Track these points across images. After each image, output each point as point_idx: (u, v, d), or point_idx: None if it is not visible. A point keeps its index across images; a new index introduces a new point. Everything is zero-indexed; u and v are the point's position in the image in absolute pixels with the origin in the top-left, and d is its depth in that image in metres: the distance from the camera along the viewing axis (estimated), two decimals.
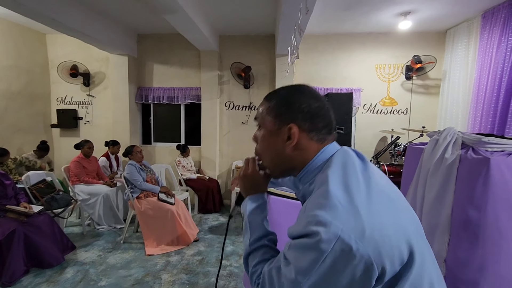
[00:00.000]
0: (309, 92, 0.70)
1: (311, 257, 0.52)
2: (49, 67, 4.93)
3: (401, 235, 0.54)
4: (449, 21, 4.06)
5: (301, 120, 0.67)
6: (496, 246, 1.33)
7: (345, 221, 0.51)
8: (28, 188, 3.04)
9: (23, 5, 2.67)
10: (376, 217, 0.53)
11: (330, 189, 0.56)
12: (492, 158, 1.37)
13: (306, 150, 0.68)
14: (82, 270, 2.65)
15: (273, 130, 0.70)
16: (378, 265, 0.50)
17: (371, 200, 0.55)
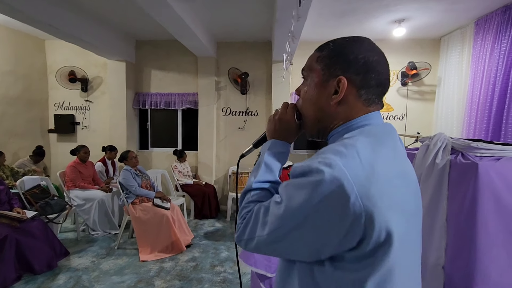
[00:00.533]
0: (369, 43, 0.62)
1: (305, 196, 0.50)
2: (48, 73, 4.96)
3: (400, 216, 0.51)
4: (443, 29, 4.11)
5: (354, 72, 0.59)
6: (486, 252, 1.33)
7: (355, 172, 0.48)
8: (22, 194, 3.03)
9: (21, 12, 2.71)
10: (388, 184, 0.50)
11: (355, 143, 0.52)
12: (480, 163, 1.38)
13: (351, 108, 0.61)
14: (74, 276, 2.63)
15: (320, 82, 0.62)
16: (366, 228, 0.48)
17: (391, 172, 0.52)
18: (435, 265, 1.46)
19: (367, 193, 0.47)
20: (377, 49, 0.62)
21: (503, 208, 1.33)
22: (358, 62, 0.59)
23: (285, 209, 0.52)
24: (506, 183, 1.35)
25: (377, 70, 0.60)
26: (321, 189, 0.48)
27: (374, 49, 0.62)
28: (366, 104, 0.61)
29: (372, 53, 0.60)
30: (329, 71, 0.61)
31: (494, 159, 1.43)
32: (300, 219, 0.51)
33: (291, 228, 0.52)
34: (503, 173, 1.36)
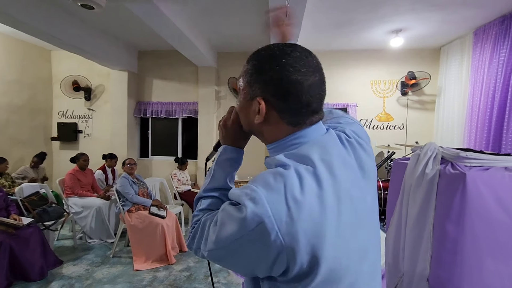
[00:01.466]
0: (295, 57, 0.56)
1: (232, 228, 0.50)
2: (53, 82, 5.09)
3: (328, 247, 0.50)
4: (443, 38, 4.12)
5: (271, 94, 0.56)
6: (473, 264, 1.29)
7: (278, 209, 0.48)
8: (20, 200, 3.07)
9: (25, 24, 2.81)
10: (312, 222, 0.49)
11: (286, 175, 0.51)
12: (468, 173, 1.36)
13: (276, 129, 0.59)
14: (67, 284, 2.62)
15: (246, 99, 0.61)
16: (289, 261, 0.49)
17: (318, 204, 0.50)
18: (421, 276, 1.42)
19: (289, 231, 0.48)
20: (304, 64, 0.56)
21: (492, 219, 1.30)
22: (276, 85, 0.56)
23: (217, 236, 0.53)
24: (494, 193, 1.32)
25: (298, 92, 0.55)
26: (244, 225, 0.49)
27: (298, 65, 0.55)
28: (291, 125, 0.58)
29: (294, 71, 0.55)
30: (251, 89, 0.59)
31: (483, 169, 1.40)
32: (229, 248, 0.52)
33: (223, 253, 0.54)
34: (491, 183, 1.34)
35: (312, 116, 0.59)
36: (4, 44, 4.26)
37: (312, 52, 0.61)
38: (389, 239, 1.77)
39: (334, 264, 0.51)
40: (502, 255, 1.27)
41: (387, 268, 1.74)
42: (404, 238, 1.61)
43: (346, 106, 4.54)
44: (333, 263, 0.51)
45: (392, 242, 1.71)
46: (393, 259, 1.66)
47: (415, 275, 1.45)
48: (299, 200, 0.49)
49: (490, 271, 1.27)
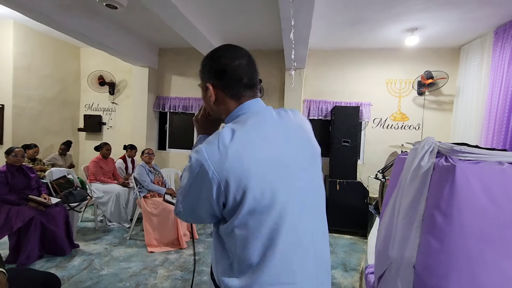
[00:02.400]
0: (224, 51, 0.80)
1: (187, 176, 0.71)
2: (81, 77, 5.47)
3: (254, 184, 0.67)
4: (463, 37, 4.02)
5: (214, 78, 0.79)
6: (460, 253, 1.34)
7: (213, 155, 0.67)
8: (50, 182, 3.38)
9: (57, 22, 3.09)
10: (238, 162, 0.67)
11: (221, 132, 0.71)
12: (458, 165, 1.40)
13: (226, 104, 0.80)
14: (88, 259, 2.88)
15: (203, 90, 0.84)
16: (226, 192, 0.67)
17: (245, 151, 0.68)
18: (408, 263, 1.48)
19: (221, 167, 0.66)
20: (230, 53, 0.78)
21: (479, 209, 1.34)
22: (214, 71, 0.78)
23: (181, 187, 0.75)
24: (483, 185, 1.36)
25: (229, 71, 0.77)
26: (191, 170, 0.70)
27: (225, 55, 0.78)
28: (236, 98, 0.79)
29: (223, 60, 0.78)
30: (203, 80, 0.83)
31: (474, 162, 1.44)
32: (188, 194, 0.73)
33: (188, 202, 0.75)
34: (481, 175, 1.37)
35: (247, 89, 0.79)
36: (39, 41, 4.64)
37: (241, 47, 0.82)
38: (381, 228, 1.83)
39: (261, 197, 0.68)
40: (488, 244, 1.31)
41: (376, 255, 1.80)
42: (396, 228, 1.67)
43: (359, 105, 4.54)
44: (260, 196, 0.68)
45: (384, 231, 1.78)
46: (383, 247, 1.73)
47: (402, 262, 1.51)
48: (227, 145, 0.68)
49: (477, 260, 1.32)
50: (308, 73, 4.83)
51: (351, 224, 4.02)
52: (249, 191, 0.67)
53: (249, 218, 0.69)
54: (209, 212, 0.74)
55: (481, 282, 1.28)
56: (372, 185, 4.54)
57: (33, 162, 4.03)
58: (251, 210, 0.68)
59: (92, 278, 2.54)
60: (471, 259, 1.31)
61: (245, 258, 0.71)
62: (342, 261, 3.16)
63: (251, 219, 0.69)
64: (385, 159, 4.71)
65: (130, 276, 2.60)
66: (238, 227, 0.70)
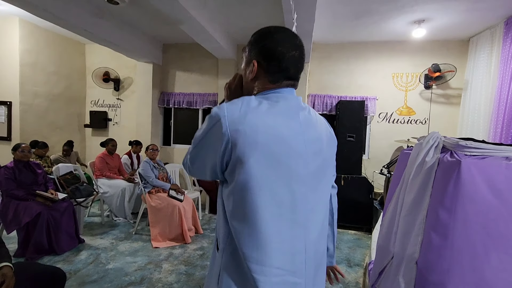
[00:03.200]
0: (282, 36, 0.80)
1: (204, 126, 0.75)
2: (86, 73, 5.51)
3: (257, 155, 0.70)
4: (472, 29, 3.92)
5: (262, 59, 0.80)
6: (463, 248, 1.32)
7: (231, 114, 0.71)
8: (56, 178, 3.43)
9: (62, 19, 3.10)
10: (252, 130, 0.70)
11: (248, 98, 0.75)
12: (463, 160, 1.37)
13: (262, 84, 0.81)
14: (94, 254, 2.93)
15: (246, 62, 0.85)
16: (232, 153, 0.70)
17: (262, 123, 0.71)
18: (410, 259, 1.46)
19: (235, 128, 0.70)
20: (287, 42, 0.79)
21: (484, 205, 1.32)
22: (266, 52, 0.79)
23: (194, 137, 0.79)
24: (488, 181, 1.33)
25: (280, 59, 0.78)
26: (209, 122, 0.73)
27: (283, 42, 0.78)
28: (272, 83, 0.81)
29: (279, 46, 0.78)
30: (250, 54, 0.83)
31: (480, 157, 1.41)
32: (200, 143, 0.77)
33: (196, 151, 0.79)
34: (486, 171, 1.34)
35: (288, 80, 0.81)
36: (45, 38, 4.68)
37: (298, 35, 0.84)
38: (384, 223, 1.81)
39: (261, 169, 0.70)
40: (493, 241, 1.29)
41: (377, 250, 1.79)
42: (398, 223, 1.66)
43: (365, 99, 4.48)
44: (262, 167, 0.70)
45: (386, 226, 1.76)
46: (384, 242, 1.71)
47: (404, 257, 1.50)
48: (248, 111, 0.71)
49: (480, 256, 1.30)
50: (313, 67, 4.77)
51: (356, 220, 4.00)
52: (253, 159, 0.70)
53: (243, 190, 0.72)
54: (212, 167, 0.76)
55: (484, 278, 1.26)
56: (377, 180, 4.50)
57: (40, 159, 4.10)
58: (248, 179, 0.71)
59: (98, 272, 2.58)
60: (475, 255, 1.29)
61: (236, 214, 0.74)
62: (346, 256, 3.15)
63: (246, 192, 0.71)
64: (391, 154, 4.65)
65: (135, 270, 2.64)
66: (233, 192, 0.72)
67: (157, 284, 2.43)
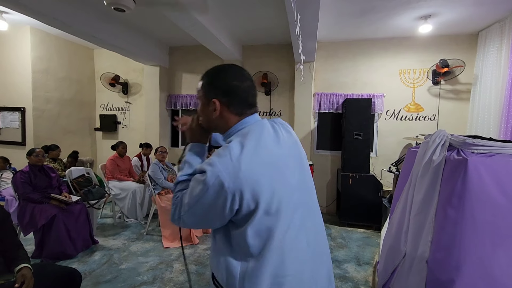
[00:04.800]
0: (232, 72, 0.87)
1: (200, 187, 0.75)
2: (95, 78, 5.63)
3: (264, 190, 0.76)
4: (480, 23, 3.85)
5: (221, 96, 0.85)
6: (472, 247, 1.32)
7: (227, 166, 0.74)
8: (70, 181, 3.53)
9: (70, 26, 3.19)
10: (250, 172, 0.74)
11: (230, 146, 0.77)
12: (470, 158, 1.37)
13: (228, 119, 0.87)
14: (108, 254, 3.01)
15: (205, 103, 0.89)
16: (240, 201, 0.74)
17: (253, 161, 0.76)
18: (421, 258, 1.46)
19: (235, 178, 0.73)
20: (238, 76, 0.86)
21: (492, 203, 1.31)
22: (221, 89, 0.86)
23: (190, 197, 0.79)
24: (496, 179, 1.32)
25: (238, 93, 0.86)
26: (207, 182, 0.74)
27: (235, 77, 0.86)
28: (238, 115, 0.87)
29: (233, 80, 0.85)
30: (207, 95, 0.88)
31: (487, 155, 1.40)
32: (199, 202, 0.77)
33: (196, 209, 0.78)
34: (494, 169, 1.34)
35: (250, 108, 0.89)
36: (55, 45, 4.81)
37: (244, 68, 0.91)
38: (393, 222, 1.81)
39: (270, 201, 0.77)
40: (501, 238, 1.29)
41: (388, 250, 1.79)
42: (408, 222, 1.66)
43: (371, 97, 4.45)
44: (269, 201, 0.76)
45: (395, 225, 1.76)
46: (395, 241, 1.72)
47: (416, 257, 1.50)
48: (239, 158, 0.74)
49: (489, 254, 1.29)
50: (318, 66, 4.76)
51: (365, 218, 3.98)
52: (262, 197, 0.75)
53: (263, 220, 0.77)
54: (218, 219, 0.79)
55: (493, 274, 1.26)
56: (385, 178, 4.47)
57: (54, 162, 4.22)
58: (265, 212, 0.77)
59: (112, 272, 2.66)
60: (484, 253, 1.29)
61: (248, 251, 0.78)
62: (355, 255, 3.15)
63: (265, 221, 0.77)
64: (399, 152, 4.61)
65: (148, 270, 2.71)
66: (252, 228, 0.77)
67: (168, 284, 2.49)
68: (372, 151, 4.66)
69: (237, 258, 0.80)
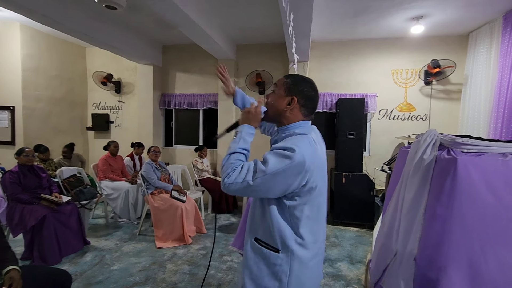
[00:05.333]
0: (311, 84, 1.13)
1: (286, 161, 0.95)
2: (87, 76, 5.55)
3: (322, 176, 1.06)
4: (471, 24, 3.91)
5: (300, 97, 1.09)
6: (460, 245, 1.34)
7: (308, 152, 0.98)
8: (61, 181, 3.48)
9: (62, 24, 3.14)
10: (318, 158, 1.02)
11: (306, 137, 1.03)
12: (460, 158, 1.39)
13: (295, 116, 1.11)
14: (99, 255, 2.97)
15: (283, 95, 1.10)
16: (309, 178, 0.99)
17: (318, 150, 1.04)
18: (410, 256, 1.48)
19: (312, 162, 0.98)
20: (315, 88, 1.13)
21: (480, 202, 1.33)
22: (304, 93, 1.10)
23: (270, 167, 0.95)
24: (485, 178, 1.35)
25: (311, 100, 1.11)
26: (294, 158, 0.95)
27: (313, 88, 1.12)
28: (304, 116, 1.12)
29: (311, 90, 1.11)
30: (289, 91, 1.10)
31: (477, 154, 1.42)
32: (277, 173, 0.95)
33: (268, 178, 0.95)
34: (483, 168, 1.36)
35: (312, 114, 1.15)
36: (46, 43, 4.72)
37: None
38: (385, 221, 1.83)
39: (323, 185, 1.07)
40: (489, 237, 1.31)
41: (379, 247, 1.81)
42: (399, 221, 1.67)
43: (365, 97, 4.48)
44: (322, 184, 1.07)
45: (387, 224, 1.78)
46: (386, 239, 1.73)
47: (405, 255, 1.52)
48: (314, 146, 1.02)
49: (477, 251, 1.31)
50: (312, 65, 4.78)
51: (358, 217, 4.02)
52: (320, 181, 1.05)
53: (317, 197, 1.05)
54: (284, 190, 0.99)
55: (480, 273, 1.28)
56: (378, 177, 4.51)
57: (44, 163, 4.14)
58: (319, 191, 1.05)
59: (103, 273, 2.63)
60: (472, 251, 1.31)
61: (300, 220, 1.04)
62: (348, 253, 3.17)
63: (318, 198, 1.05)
64: (392, 151, 4.65)
65: (140, 271, 2.68)
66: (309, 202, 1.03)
67: (161, 284, 2.47)
68: (365, 151, 4.70)
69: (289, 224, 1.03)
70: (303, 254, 1.03)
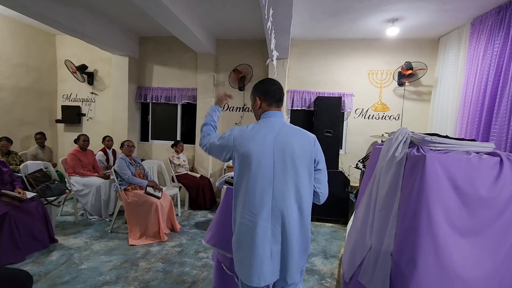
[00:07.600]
0: (267, 81, 1.44)
1: (225, 136, 1.36)
2: (57, 66, 5.23)
3: (246, 149, 1.29)
4: (441, 29, 4.09)
5: (260, 94, 1.42)
6: (427, 239, 1.40)
7: (235, 133, 1.34)
8: (25, 176, 3.26)
9: (25, 7, 2.92)
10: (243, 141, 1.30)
11: (246, 125, 1.38)
12: (428, 155, 1.45)
13: (263, 109, 1.41)
14: (67, 254, 2.82)
15: (253, 100, 1.45)
16: (233, 154, 1.33)
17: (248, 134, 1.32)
18: (386, 251, 1.53)
19: (236, 140, 1.32)
20: (270, 82, 1.43)
21: (445, 198, 1.40)
22: (260, 90, 1.43)
23: (220, 137, 1.38)
24: (448, 174, 1.41)
25: (266, 92, 1.41)
26: (229, 134, 1.35)
27: (268, 83, 1.43)
28: (269, 106, 1.41)
29: (266, 85, 1.43)
30: (254, 95, 1.45)
31: (443, 152, 1.49)
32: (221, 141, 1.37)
33: (216, 144, 1.38)
34: (447, 165, 1.43)
35: (276, 103, 1.41)
36: (10, 27, 4.39)
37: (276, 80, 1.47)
38: (357, 216, 1.88)
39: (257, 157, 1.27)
40: (453, 230, 1.38)
41: (353, 243, 1.85)
42: (373, 217, 1.72)
43: (342, 95, 4.58)
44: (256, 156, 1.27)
45: (360, 219, 1.83)
46: (360, 235, 1.78)
47: (381, 250, 1.56)
48: (242, 130, 1.34)
49: (442, 245, 1.38)
50: (292, 63, 4.81)
51: (333, 213, 4.11)
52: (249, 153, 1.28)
53: (241, 161, 1.31)
54: (223, 154, 1.36)
55: (446, 266, 1.34)
56: (353, 174, 4.64)
57: (7, 156, 3.87)
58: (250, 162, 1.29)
59: (70, 272, 2.50)
60: (437, 244, 1.37)
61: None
62: (323, 248, 3.24)
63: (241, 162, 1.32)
64: (366, 149, 4.80)
65: (111, 270, 2.58)
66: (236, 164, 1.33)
67: (133, 283, 2.39)
68: (341, 148, 4.82)
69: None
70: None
